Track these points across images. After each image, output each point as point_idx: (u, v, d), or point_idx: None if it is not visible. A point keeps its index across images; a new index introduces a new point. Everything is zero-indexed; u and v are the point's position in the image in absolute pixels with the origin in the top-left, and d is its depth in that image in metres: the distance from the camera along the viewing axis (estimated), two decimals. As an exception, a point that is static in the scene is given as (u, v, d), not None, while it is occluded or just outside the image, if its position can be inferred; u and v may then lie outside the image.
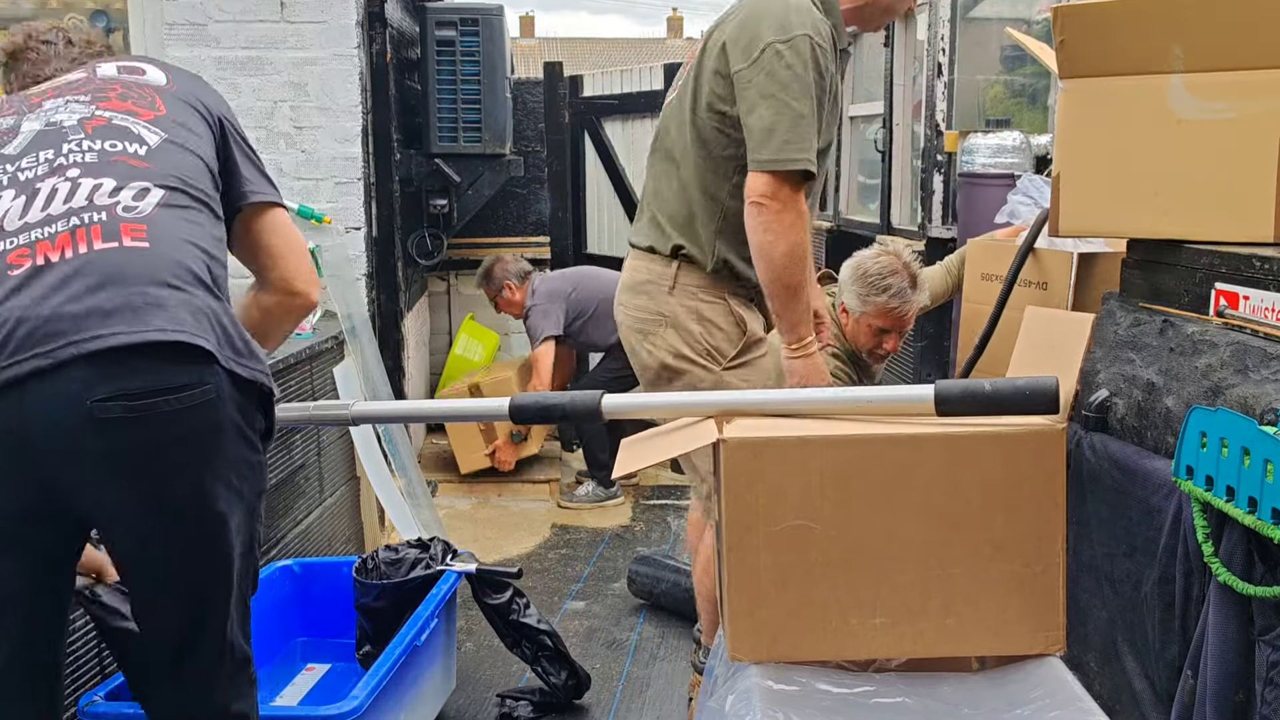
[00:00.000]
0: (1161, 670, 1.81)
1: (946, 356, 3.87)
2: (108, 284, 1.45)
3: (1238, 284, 1.84)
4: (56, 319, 1.41)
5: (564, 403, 1.96)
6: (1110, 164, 2.10)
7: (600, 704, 2.96)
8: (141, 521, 1.49)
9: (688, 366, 2.38)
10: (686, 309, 2.39)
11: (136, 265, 1.48)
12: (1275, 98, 1.89)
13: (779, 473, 1.62)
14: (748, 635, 1.66)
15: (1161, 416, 1.87)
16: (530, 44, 30.62)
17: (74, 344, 1.40)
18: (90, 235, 1.48)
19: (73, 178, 1.54)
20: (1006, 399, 1.66)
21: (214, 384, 1.49)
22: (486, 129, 4.78)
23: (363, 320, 3.95)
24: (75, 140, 1.59)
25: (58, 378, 1.39)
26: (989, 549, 1.63)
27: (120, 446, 1.43)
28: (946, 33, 4.11)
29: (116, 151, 1.59)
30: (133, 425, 1.43)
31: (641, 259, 2.48)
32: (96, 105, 1.66)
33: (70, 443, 1.42)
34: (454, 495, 4.84)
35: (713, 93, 2.31)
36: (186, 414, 1.46)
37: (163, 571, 1.55)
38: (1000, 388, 1.66)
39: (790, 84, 2.18)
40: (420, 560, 2.75)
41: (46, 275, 1.45)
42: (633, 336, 2.47)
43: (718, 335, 2.39)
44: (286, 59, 4.03)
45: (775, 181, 2.19)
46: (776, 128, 2.18)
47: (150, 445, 1.45)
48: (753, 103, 2.21)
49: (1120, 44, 2.04)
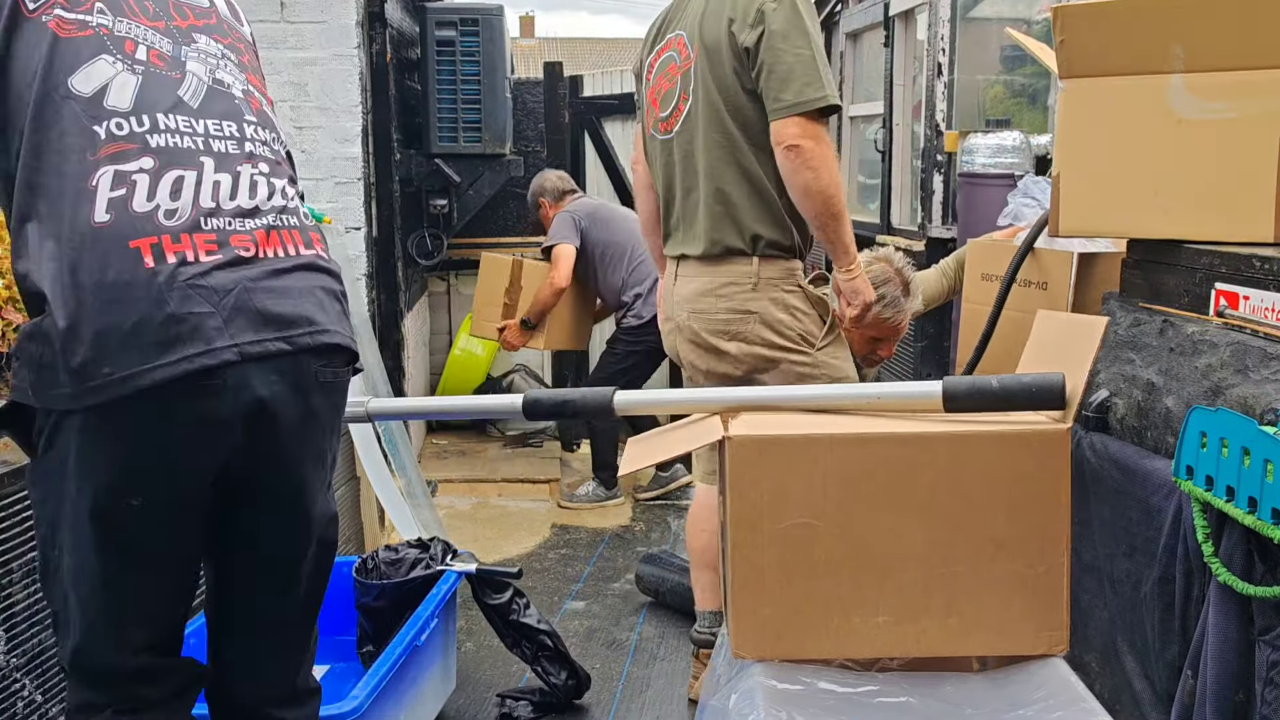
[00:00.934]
0: (1161, 670, 1.81)
1: (946, 356, 3.87)
2: (317, 289, 1.58)
3: (1238, 284, 1.84)
4: (287, 302, 1.53)
5: (576, 399, 1.97)
6: (1110, 164, 2.10)
7: (600, 704, 2.96)
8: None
9: (782, 355, 2.53)
10: (772, 301, 2.52)
11: (329, 273, 1.63)
12: (1275, 98, 1.89)
13: (783, 471, 1.63)
14: (751, 633, 1.66)
15: (1161, 416, 1.88)
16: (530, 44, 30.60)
17: (309, 334, 1.54)
18: (295, 239, 1.58)
19: (265, 173, 1.59)
20: (1014, 395, 1.67)
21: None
22: (486, 129, 4.78)
23: (363, 320, 3.95)
24: (251, 125, 1.62)
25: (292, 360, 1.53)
26: (992, 548, 1.63)
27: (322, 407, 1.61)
28: (946, 33, 4.12)
29: (276, 150, 1.66)
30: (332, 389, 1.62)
31: (708, 265, 2.56)
32: (245, 73, 1.67)
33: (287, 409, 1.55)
34: (454, 495, 4.84)
35: (738, 77, 2.45)
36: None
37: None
38: (1008, 384, 1.68)
39: (790, 33, 2.37)
40: (420, 560, 2.75)
41: (268, 265, 1.52)
42: (715, 339, 2.55)
43: (806, 320, 2.54)
44: (286, 59, 4.04)
45: (803, 121, 2.36)
46: (792, 73, 2.36)
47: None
48: (764, 61, 2.39)
49: (1120, 44, 2.05)
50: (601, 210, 4.81)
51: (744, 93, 2.46)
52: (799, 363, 2.53)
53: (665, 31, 2.68)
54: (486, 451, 5.39)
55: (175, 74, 1.56)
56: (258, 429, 1.51)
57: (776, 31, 2.38)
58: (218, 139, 1.55)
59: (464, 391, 5.61)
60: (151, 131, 1.48)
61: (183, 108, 1.54)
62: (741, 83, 2.46)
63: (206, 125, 1.54)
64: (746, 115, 2.47)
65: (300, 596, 1.71)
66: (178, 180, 1.47)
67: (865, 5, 5.01)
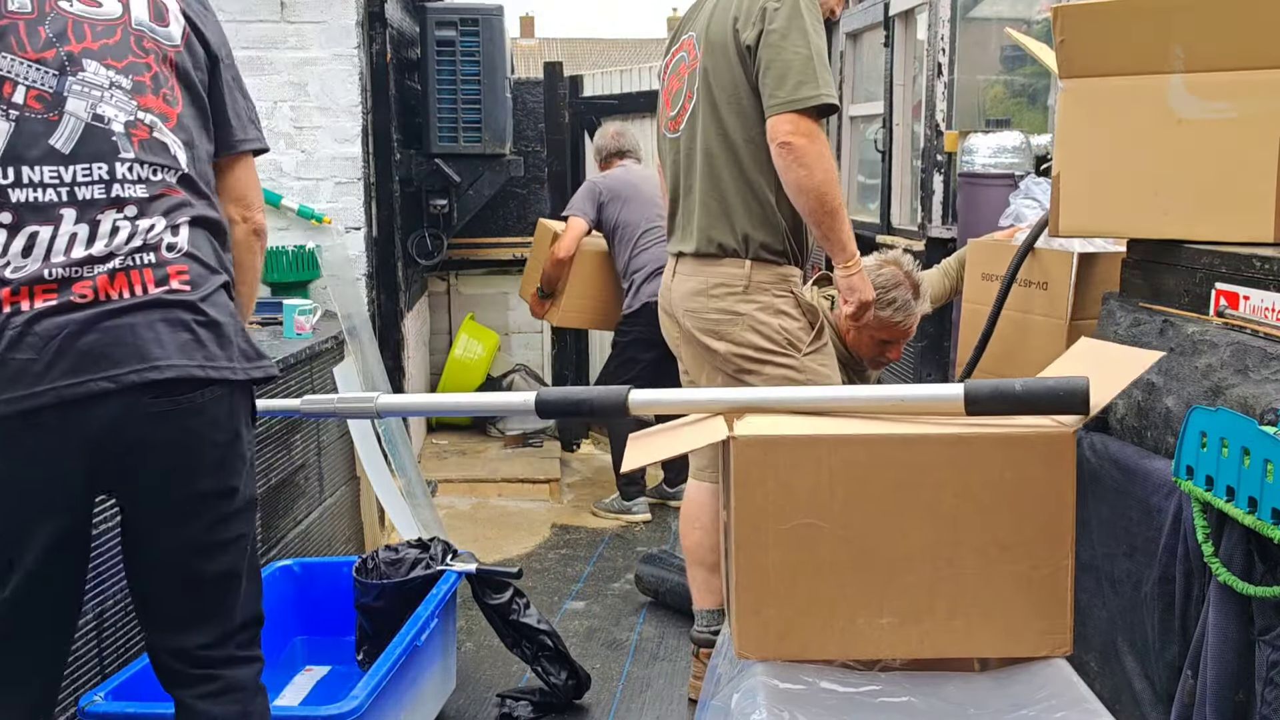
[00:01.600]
0: (1161, 670, 1.81)
1: (947, 357, 3.87)
2: (159, 323, 1.62)
3: (1238, 284, 1.84)
4: (118, 344, 1.58)
5: (590, 398, 1.96)
6: (1110, 164, 2.10)
7: (600, 704, 2.96)
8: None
9: (768, 358, 2.54)
10: (760, 305, 2.54)
11: (182, 305, 1.65)
12: (1275, 98, 1.89)
13: (789, 471, 1.63)
14: (755, 633, 1.66)
15: (1161, 416, 1.88)
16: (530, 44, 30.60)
17: (136, 371, 1.58)
18: (145, 278, 1.62)
19: (131, 216, 1.63)
20: (1038, 398, 1.66)
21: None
22: (486, 129, 4.78)
23: (363, 320, 3.95)
24: (127, 162, 1.64)
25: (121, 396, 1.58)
26: (997, 550, 1.63)
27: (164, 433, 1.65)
28: (946, 33, 4.11)
29: (158, 182, 1.67)
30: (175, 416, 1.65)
31: (703, 265, 2.58)
32: (136, 98, 1.67)
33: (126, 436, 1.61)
34: (454, 495, 4.84)
35: (741, 76, 2.47)
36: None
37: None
38: (1032, 387, 1.66)
39: (789, 32, 2.39)
40: (420, 560, 2.75)
41: (106, 306, 1.58)
42: (706, 337, 2.58)
43: (793, 325, 2.55)
44: (286, 59, 4.03)
45: (796, 119, 2.38)
46: (788, 71, 2.38)
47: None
48: (762, 58, 2.42)
49: (1120, 44, 2.05)
50: (629, 186, 4.59)
51: (745, 93, 2.48)
52: (784, 365, 2.54)
53: (680, 33, 2.71)
54: (486, 451, 5.39)
55: (52, 115, 1.60)
56: (111, 458, 1.61)
57: (776, 30, 2.40)
58: (84, 185, 1.60)
59: (464, 390, 5.62)
60: (14, 186, 1.57)
61: (52, 157, 1.59)
62: (743, 82, 2.47)
63: (75, 172, 1.60)
64: (747, 115, 2.49)
65: (212, 574, 1.75)
66: (31, 237, 1.56)
67: (865, 5, 5.01)
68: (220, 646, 1.75)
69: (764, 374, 2.54)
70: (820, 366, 2.59)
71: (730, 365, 2.58)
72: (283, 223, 4.06)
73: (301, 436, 3.28)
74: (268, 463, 2.99)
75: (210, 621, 1.74)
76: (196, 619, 1.74)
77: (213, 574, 1.73)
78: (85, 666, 2.15)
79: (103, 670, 2.19)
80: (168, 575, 1.72)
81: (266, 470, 2.98)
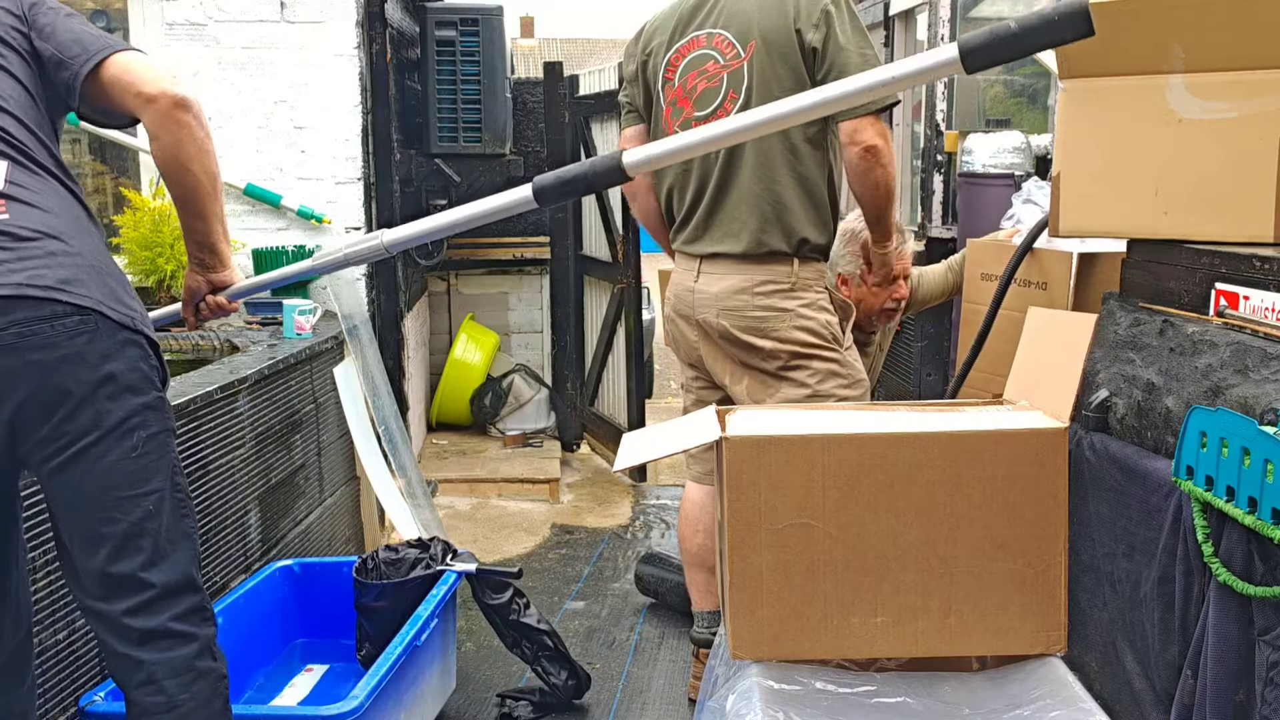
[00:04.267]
0: (1161, 670, 1.81)
1: (947, 356, 3.87)
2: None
3: (1238, 284, 1.84)
4: None
5: (585, 172, 1.89)
6: (1110, 164, 2.10)
7: (600, 704, 2.96)
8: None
9: (816, 352, 2.59)
10: (806, 301, 2.58)
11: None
12: (1275, 97, 1.89)
13: (781, 471, 1.63)
14: (749, 633, 1.66)
15: (1161, 416, 1.87)
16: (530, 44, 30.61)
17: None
18: None
19: None
20: (1036, 31, 1.51)
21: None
22: (486, 129, 4.78)
23: (363, 320, 3.95)
24: None
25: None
26: (990, 548, 1.63)
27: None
28: (946, 33, 4.12)
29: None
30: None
31: (746, 264, 2.57)
32: None
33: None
34: (454, 495, 4.84)
35: (803, 77, 2.48)
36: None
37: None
38: (1028, 21, 1.51)
39: (855, 34, 2.46)
40: (420, 560, 2.75)
41: None
42: (749, 336, 2.58)
43: (833, 321, 2.61)
44: (286, 59, 4.03)
45: (876, 122, 2.46)
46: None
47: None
48: (833, 62, 2.44)
49: (1120, 44, 2.04)
50: None
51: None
52: (830, 359, 2.59)
53: (687, 30, 2.62)
54: (486, 451, 5.39)
55: None
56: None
57: (843, 32, 2.44)
58: None
59: (464, 391, 5.62)
60: None
61: None
62: (807, 84, 2.45)
63: None
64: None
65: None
66: None
67: (865, 5, 5.01)
68: (149, 614, 1.69)
69: (811, 367, 2.57)
70: (856, 361, 2.66)
71: (775, 361, 2.58)
72: (283, 223, 4.07)
73: (301, 436, 3.28)
74: (267, 463, 2.99)
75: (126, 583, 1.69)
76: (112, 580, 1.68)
77: (118, 532, 1.68)
78: (85, 666, 2.14)
79: (103, 670, 2.19)
80: (69, 528, 1.69)
81: (266, 470, 2.98)
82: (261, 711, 2.42)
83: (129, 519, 1.68)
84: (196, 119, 1.80)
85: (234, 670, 2.45)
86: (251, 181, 4.03)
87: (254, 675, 2.69)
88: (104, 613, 1.69)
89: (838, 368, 2.58)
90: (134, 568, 1.68)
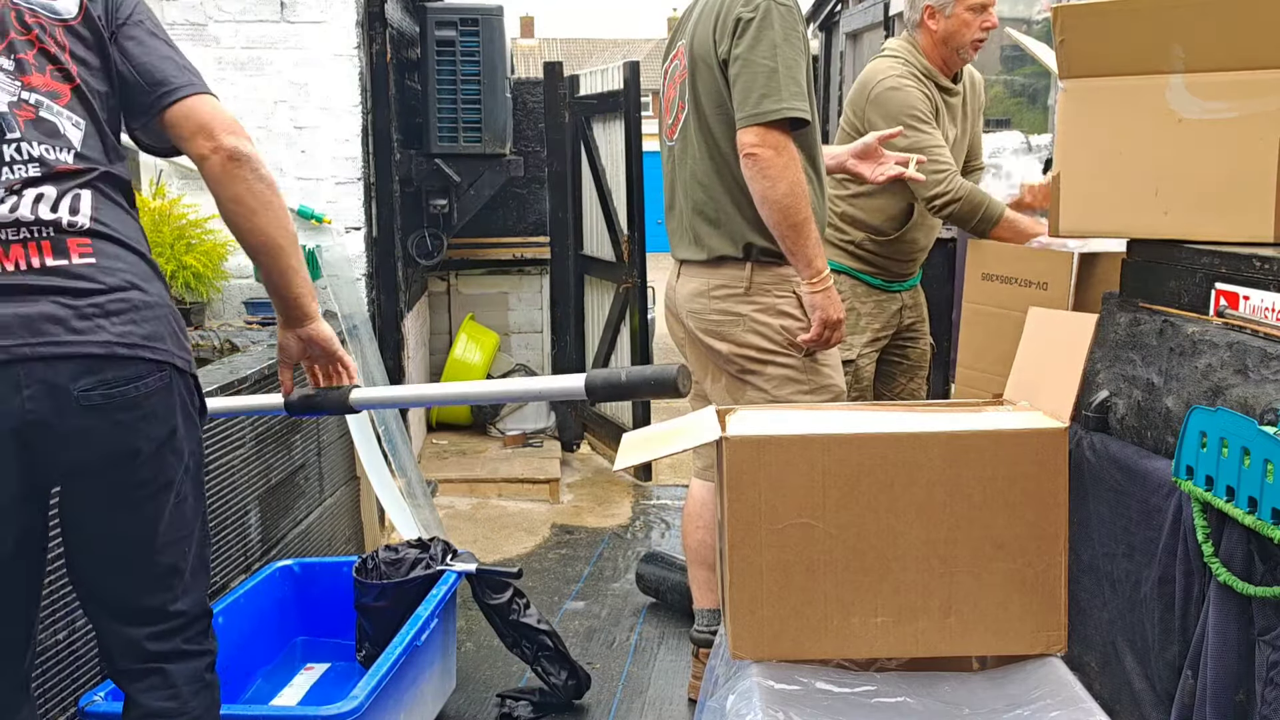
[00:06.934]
0: (1161, 670, 1.81)
1: (947, 356, 3.87)
2: (62, 294, 1.57)
3: (1238, 284, 1.84)
4: (24, 318, 1.53)
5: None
6: (1110, 164, 2.10)
7: (600, 704, 2.96)
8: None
9: (769, 358, 2.55)
10: (761, 306, 2.55)
11: (88, 279, 1.60)
12: (1275, 97, 1.89)
13: (781, 471, 1.63)
14: (749, 633, 1.66)
15: (1161, 416, 1.87)
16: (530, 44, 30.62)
17: (34, 345, 1.53)
18: (42, 250, 1.58)
19: (16, 190, 1.59)
20: (637, 385, 1.81)
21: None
22: (486, 129, 4.78)
23: (363, 320, 3.96)
24: (14, 141, 1.61)
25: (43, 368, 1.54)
26: (990, 548, 1.63)
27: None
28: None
29: (51, 160, 1.63)
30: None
31: (704, 269, 2.60)
32: (20, 77, 1.64)
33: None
34: (454, 495, 4.84)
35: (723, 87, 2.47)
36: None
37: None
38: (633, 374, 1.81)
39: (758, 44, 2.40)
40: (420, 560, 2.75)
41: (1, 279, 1.55)
42: (708, 339, 2.61)
43: (794, 325, 2.55)
44: (286, 59, 4.03)
45: (761, 131, 2.39)
46: (753, 84, 2.40)
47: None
48: (732, 72, 2.44)
49: (1120, 44, 2.04)
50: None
51: (729, 103, 2.48)
52: (786, 365, 2.55)
53: (676, 40, 2.71)
54: (486, 451, 5.39)
55: None
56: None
57: (745, 42, 2.40)
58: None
59: (464, 391, 5.61)
60: None
61: None
62: (727, 93, 2.48)
63: None
64: (734, 125, 2.49)
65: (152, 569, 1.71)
66: None
67: (865, 5, 5.01)
68: (167, 639, 1.72)
69: (766, 374, 2.55)
70: (824, 367, 2.59)
71: (733, 365, 2.59)
72: (283, 223, 4.06)
73: (301, 436, 3.28)
74: (267, 463, 2.99)
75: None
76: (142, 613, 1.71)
77: (155, 572, 1.70)
78: (85, 666, 2.15)
79: (103, 670, 2.19)
80: (106, 567, 1.69)
81: (266, 470, 2.98)
82: (261, 711, 2.42)
83: (166, 561, 1.71)
84: (254, 172, 1.75)
85: (234, 670, 2.46)
86: (251, 181, 4.02)
87: (254, 675, 2.69)
88: (122, 633, 1.72)
89: (794, 373, 2.54)
90: (163, 601, 1.72)
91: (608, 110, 5.30)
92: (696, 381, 2.78)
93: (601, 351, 5.54)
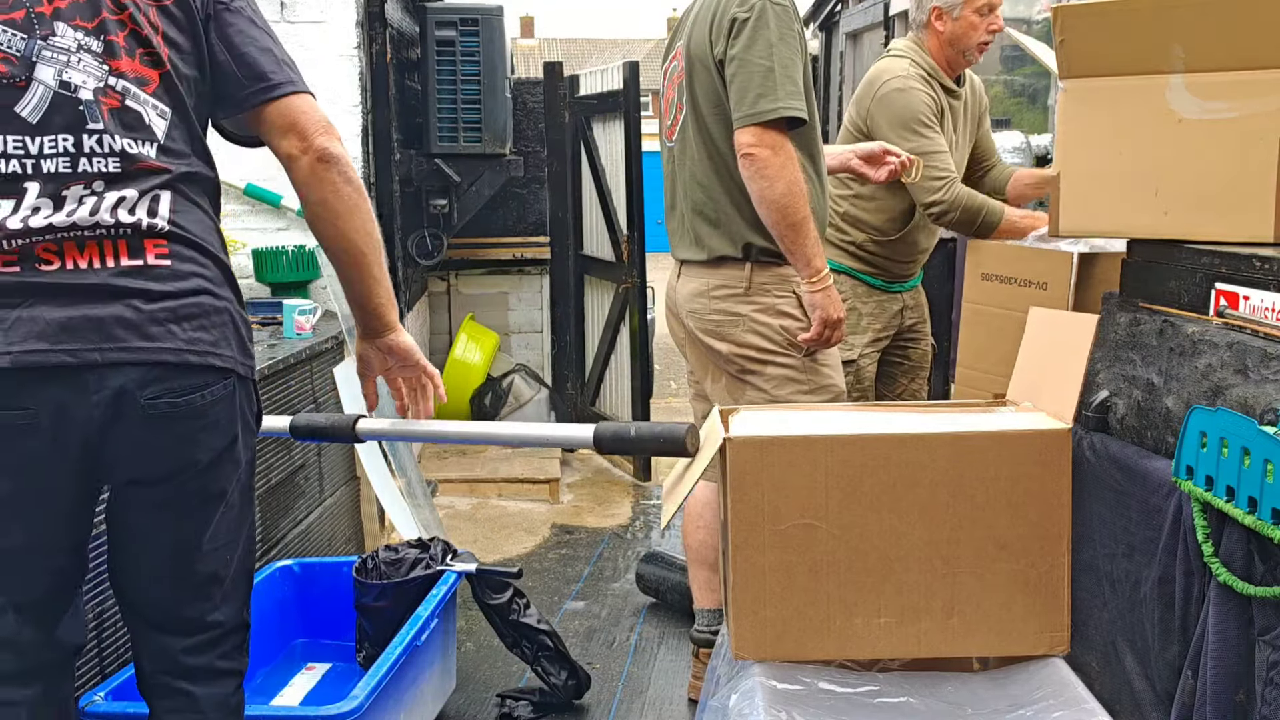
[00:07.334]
0: (1161, 670, 1.81)
1: (947, 356, 3.87)
2: (135, 297, 1.54)
3: (1238, 284, 1.84)
4: (95, 321, 1.51)
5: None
6: (1110, 164, 2.10)
7: (600, 704, 2.96)
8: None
9: (769, 358, 2.55)
10: (761, 306, 2.55)
11: (162, 281, 1.57)
12: (1275, 97, 1.89)
13: (785, 471, 1.63)
14: (752, 634, 1.66)
15: (1161, 416, 1.88)
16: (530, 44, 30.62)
17: (99, 349, 1.51)
18: (118, 249, 1.54)
19: (98, 191, 1.54)
20: (645, 441, 1.85)
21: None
22: (486, 129, 4.78)
23: (363, 320, 3.95)
24: (96, 132, 1.55)
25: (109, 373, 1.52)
26: (994, 549, 1.63)
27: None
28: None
29: (134, 154, 1.57)
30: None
31: (704, 269, 2.60)
32: (108, 61, 1.57)
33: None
34: (454, 495, 4.84)
35: (720, 88, 2.47)
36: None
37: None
38: (641, 431, 1.85)
39: (753, 44, 2.40)
40: (420, 560, 2.75)
41: (75, 278, 1.52)
42: (708, 339, 2.61)
43: (794, 325, 2.55)
44: (286, 59, 4.03)
45: (758, 130, 2.39)
46: (749, 84, 2.40)
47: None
48: (729, 72, 2.44)
49: (1120, 44, 2.04)
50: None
51: (726, 103, 2.48)
52: (786, 365, 2.55)
53: (674, 40, 2.72)
54: (486, 451, 5.38)
55: (20, 81, 1.51)
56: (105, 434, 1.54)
57: (741, 43, 2.41)
58: (50, 158, 1.52)
59: (464, 391, 5.62)
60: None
61: (17, 125, 1.51)
62: (725, 94, 2.48)
63: (41, 143, 1.52)
64: (731, 126, 2.49)
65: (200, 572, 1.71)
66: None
67: (865, 5, 5.01)
68: (203, 653, 1.71)
69: (765, 374, 2.55)
70: (824, 367, 2.59)
71: (733, 365, 2.59)
72: (282, 223, 4.07)
73: (301, 436, 3.27)
74: (267, 463, 2.99)
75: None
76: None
77: (199, 579, 1.69)
78: (85, 666, 2.14)
79: (103, 670, 2.19)
80: (147, 571, 1.69)
81: (266, 470, 2.98)
82: (261, 712, 2.41)
83: (206, 570, 1.69)
84: (342, 174, 1.70)
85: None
86: (251, 181, 4.03)
87: (254, 675, 2.69)
88: (156, 641, 1.71)
89: (794, 373, 2.54)
90: (203, 611, 1.71)
91: (607, 110, 5.30)
92: (696, 381, 2.79)
93: (601, 351, 5.55)
